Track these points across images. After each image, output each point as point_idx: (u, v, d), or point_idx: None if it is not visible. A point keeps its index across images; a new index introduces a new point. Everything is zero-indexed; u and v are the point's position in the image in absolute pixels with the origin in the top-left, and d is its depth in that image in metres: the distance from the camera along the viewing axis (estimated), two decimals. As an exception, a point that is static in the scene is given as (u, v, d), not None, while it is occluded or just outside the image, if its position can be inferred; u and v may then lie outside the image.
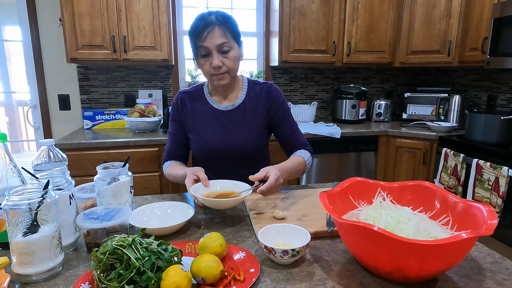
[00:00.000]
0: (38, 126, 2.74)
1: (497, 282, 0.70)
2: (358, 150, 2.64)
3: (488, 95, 2.72)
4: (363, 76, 3.24)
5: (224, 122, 1.28)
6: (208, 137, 1.27)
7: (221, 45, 1.14)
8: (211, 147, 1.26)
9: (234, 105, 1.29)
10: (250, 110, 1.29)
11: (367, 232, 0.64)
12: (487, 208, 0.69)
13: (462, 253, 0.64)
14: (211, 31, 1.12)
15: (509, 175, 1.80)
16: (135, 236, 0.70)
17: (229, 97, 1.30)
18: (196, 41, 1.15)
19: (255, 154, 1.30)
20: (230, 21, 1.17)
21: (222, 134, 1.27)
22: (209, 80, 1.24)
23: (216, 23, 1.13)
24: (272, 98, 1.30)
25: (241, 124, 1.28)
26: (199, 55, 1.17)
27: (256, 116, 1.29)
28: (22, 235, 0.68)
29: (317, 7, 2.63)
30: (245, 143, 1.27)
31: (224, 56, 1.16)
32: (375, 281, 0.70)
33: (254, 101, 1.30)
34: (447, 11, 2.58)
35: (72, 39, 2.30)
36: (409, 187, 0.88)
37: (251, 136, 1.27)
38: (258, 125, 1.29)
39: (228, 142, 1.26)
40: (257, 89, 1.31)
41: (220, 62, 1.15)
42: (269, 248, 0.74)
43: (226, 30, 1.15)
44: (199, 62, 1.19)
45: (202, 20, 1.14)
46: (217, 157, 1.27)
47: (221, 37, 1.13)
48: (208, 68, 1.17)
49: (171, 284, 0.62)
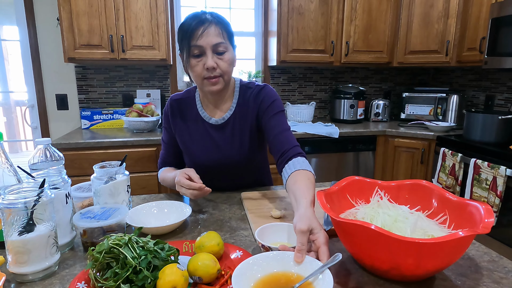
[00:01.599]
0: (36, 126, 2.73)
1: (494, 280, 0.70)
2: (357, 150, 2.64)
3: (486, 94, 2.73)
4: (361, 76, 3.25)
5: (215, 137, 1.20)
6: (199, 153, 1.21)
7: (217, 45, 1.04)
8: (203, 164, 1.21)
9: (225, 118, 1.19)
10: (241, 120, 1.19)
11: (364, 230, 0.63)
12: (484, 207, 0.69)
13: (459, 251, 0.63)
14: (207, 28, 1.02)
15: (506, 174, 1.81)
16: (132, 235, 0.69)
17: (221, 107, 1.20)
18: (189, 39, 1.03)
19: (250, 164, 1.24)
20: (226, 21, 1.09)
21: (213, 151, 1.20)
22: (200, 85, 1.11)
23: (212, 22, 1.04)
24: (260, 100, 1.17)
25: (233, 137, 1.19)
26: (191, 55, 1.05)
27: (247, 125, 1.19)
28: (18, 234, 0.68)
29: (315, 6, 2.63)
30: (238, 157, 1.20)
31: (219, 57, 1.06)
32: (372, 280, 0.70)
33: (244, 109, 1.19)
34: (445, 11, 2.59)
35: (70, 39, 2.29)
36: (406, 186, 0.88)
37: (244, 149, 1.19)
38: (250, 135, 1.19)
39: (220, 158, 1.20)
40: (247, 94, 1.20)
41: (214, 63, 1.04)
42: (266, 247, 0.74)
43: (223, 30, 1.06)
44: (190, 63, 1.07)
45: (196, 18, 1.04)
46: (210, 172, 1.21)
47: (217, 36, 1.04)
48: (200, 70, 1.06)
49: (167, 283, 0.61)
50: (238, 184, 1.27)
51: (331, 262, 0.64)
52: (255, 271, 0.65)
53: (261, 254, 0.68)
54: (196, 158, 1.22)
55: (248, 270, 0.64)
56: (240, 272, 0.62)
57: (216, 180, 1.22)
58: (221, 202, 1.15)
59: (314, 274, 0.62)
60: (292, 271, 0.66)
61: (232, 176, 1.25)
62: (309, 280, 0.62)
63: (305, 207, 0.78)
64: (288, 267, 0.66)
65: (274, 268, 0.66)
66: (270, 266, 0.66)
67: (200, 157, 1.21)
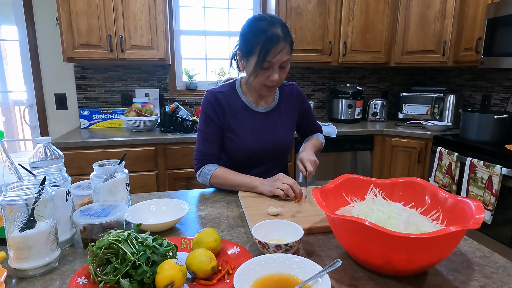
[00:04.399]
0: (35, 125, 2.74)
1: (485, 275, 0.72)
2: (354, 149, 2.66)
3: (482, 94, 2.75)
4: (359, 75, 3.27)
5: (262, 123, 1.30)
6: (247, 139, 1.27)
7: (284, 62, 1.15)
8: (250, 148, 1.28)
9: (271, 106, 1.33)
10: (285, 111, 1.36)
11: (358, 226, 0.65)
12: (475, 203, 0.71)
13: (450, 246, 0.65)
14: (282, 49, 1.11)
15: (502, 173, 1.82)
16: (131, 231, 0.71)
17: (265, 99, 1.33)
18: (265, 54, 1.11)
19: (289, 151, 1.40)
20: (291, 37, 1.16)
21: (261, 136, 1.29)
22: (258, 88, 1.22)
23: (285, 40, 1.12)
24: (302, 98, 1.41)
25: (278, 125, 1.33)
26: (261, 66, 1.13)
27: (290, 116, 1.37)
28: (19, 231, 0.69)
29: (313, 7, 2.65)
30: (283, 142, 1.34)
31: (281, 70, 1.17)
32: (366, 275, 0.72)
33: (287, 102, 1.36)
34: (442, 12, 2.61)
35: (68, 38, 2.30)
36: (400, 184, 0.90)
37: (288, 136, 1.36)
38: (292, 124, 1.39)
39: (267, 143, 1.30)
40: (286, 90, 1.38)
41: (278, 77, 1.16)
42: (263, 243, 0.75)
43: (290, 46, 1.15)
44: (257, 72, 1.15)
45: (274, 35, 1.10)
46: (255, 157, 1.30)
47: (287, 54, 1.14)
48: (263, 80, 1.17)
49: (165, 277, 0.63)
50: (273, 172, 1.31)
51: (330, 267, 0.65)
52: (256, 272, 0.66)
53: (264, 256, 0.69)
54: (244, 143, 1.28)
55: (249, 270, 0.66)
56: (242, 271, 0.64)
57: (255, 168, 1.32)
58: (219, 200, 1.17)
59: (314, 278, 0.63)
60: (292, 274, 0.67)
61: (271, 163, 1.35)
62: (308, 283, 0.64)
63: (306, 149, 1.32)
64: (289, 270, 0.68)
65: (275, 270, 0.68)
66: (272, 267, 0.68)
67: (248, 141, 1.28)
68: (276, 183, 1.11)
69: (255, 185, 1.16)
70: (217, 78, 3.01)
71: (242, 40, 1.18)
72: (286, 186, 1.09)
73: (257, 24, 1.14)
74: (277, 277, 0.67)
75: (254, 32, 1.13)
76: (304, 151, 1.31)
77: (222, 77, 2.99)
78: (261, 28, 1.12)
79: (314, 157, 1.26)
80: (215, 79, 3.02)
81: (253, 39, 1.13)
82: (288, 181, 1.11)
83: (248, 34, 1.15)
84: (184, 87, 2.95)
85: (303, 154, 1.27)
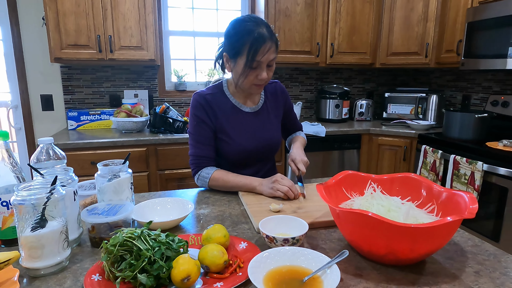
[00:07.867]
0: (20, 127, 2.67)
1: (478, 262, 0.77)
2: (342, 148, 2.73)
3: (463, 94, 2.87)
4: (345, 76, 3.34)
5: (253, 123, 1.33)
6: (239, 139, 1.29)
7: (271, 61, 1.18)
8: (245, 149, 1.30)
9: (258, 106, 1.36)
10: (271, 109, 1.39)
11: (363, 218, 0.69)
12: (469, 195, 0.76)
13: (448, 235, 0.70)
14: (270, 48, 1.15)
15: (483, 169, 1.92)
16: (143, 228, 0.72)
17: (252, 99, 1.36)
18: (253, 54, 1.13)
19: (278, 149, 1.43)
20: (274, 34, 1.20)
21: (254, 135, 1.32)
22: (247, 88, 1.24)
23: (271, 39, 1.15)
24: (285, 95, 1.45)
25: (267, 123, 1.36)
26: (250, 66, 1.16)
27: (277, 114, 1.41)
28: (30, 230, 0.70)
29: (301, 9, 2.70)
30: (274, 141, 1.38)
31: (269, 68, 1.20)
32: (369, 265, 0.76)
33: (272, 100, 1.40)
34: (424, 15, 2.71)
35: (56, 39, 2.27)
36: (397, 179, 0.94)
37: (278, 134, 1.40)
38: (279, 123, 1.42)
39: (260, 142, 1.33)
40: (270, 88, 1.42)
41: (266, 75, 1.19)
42: (271, 237, 0.78)
43: (275, 45, 1.18)
44: (246, 72, 1.18)
45: (261, 35, 1.13)
46: (248, 157, 1.33)
47: (273, 53, 1.17)
48: (252, 79, 1.19)
49: (182, 272, 0.65)
50: (265, 171, 1.41)
51: (338, 257, 0.69)
52: (268, 264, 0.70)
53: (273, 249, 0.73)
54: (237, 143, 1.29)
55: (261, 263, 0.69)
56: (255, 264, 0.67)
57: (248, 168, 1.34)
58: (219, 199, 1.19)
59: (322, 269, 0.67)
60: (302, 266, 0.71)
61: (262, 161, 1.39)
62: (318, 274, 0.67)
63: (297, 149, 1.37)
64: (298, 262, 0.72)
65: (285, 262, 0.71)
66: (282, 260, 0.71)
67: (240, 142, 1.30)
68: (275, 185, 1.13)
69: (254, 186, 1.19)
70: (206, 78, 3.02)
71: (228, 41, 1.20)
72: (286, 188, 1.11)
73: (243, 25, 1.16)
74: (286, 268, 0.70)
75: (240, 33, 1.15)
76: (296, 151, 1.35)
77: (212, 77, 3.00)
78: (247, 29, 1.14)
79: (305, 158, 1.30)
80: (204, 79, 3.03)
81: (241, 40, 1.14)
82: (287, 182, 1.13)
83: (235, 36, 1.17)
84: (173, 88, 2.95)
85: (295, 155, 1.31)
